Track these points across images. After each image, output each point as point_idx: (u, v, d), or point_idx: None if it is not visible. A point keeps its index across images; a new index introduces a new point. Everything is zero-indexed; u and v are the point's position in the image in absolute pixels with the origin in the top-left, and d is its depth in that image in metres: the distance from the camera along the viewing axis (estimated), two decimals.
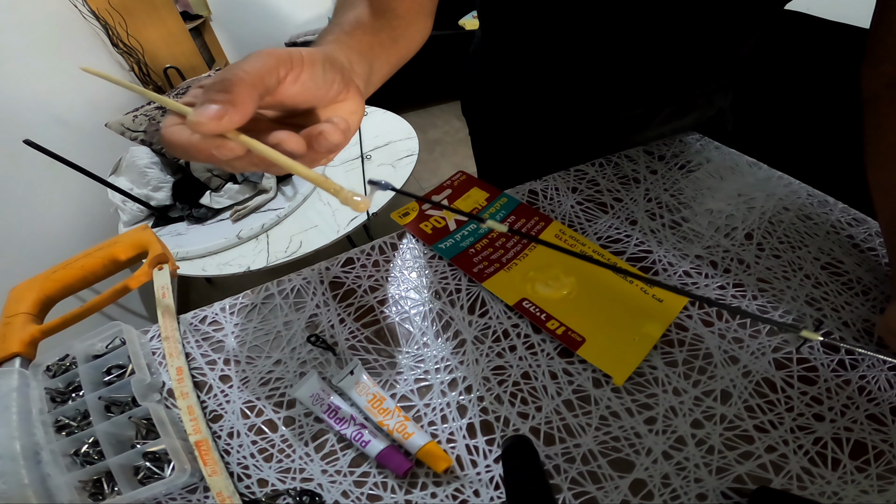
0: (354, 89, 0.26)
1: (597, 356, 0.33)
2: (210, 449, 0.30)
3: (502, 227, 0.24)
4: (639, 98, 0.50)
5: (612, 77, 0.48)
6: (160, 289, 0.39)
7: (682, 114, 0.53)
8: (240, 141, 0.20)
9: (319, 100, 0.24)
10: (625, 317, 0.36)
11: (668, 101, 0.51)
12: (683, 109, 0.53)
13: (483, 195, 0.48)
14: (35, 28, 1.26)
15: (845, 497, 0.27)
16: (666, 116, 0.53)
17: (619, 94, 0.50)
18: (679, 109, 0.53)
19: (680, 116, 0.53)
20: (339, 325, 0.38)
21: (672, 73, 0.47)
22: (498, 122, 0.62)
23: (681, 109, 0.53)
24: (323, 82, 0.24)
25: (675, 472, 0.28)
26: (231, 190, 1.13)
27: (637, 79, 0.48)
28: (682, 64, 0.47)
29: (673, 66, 0.47)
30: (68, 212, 1.14)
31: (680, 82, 0.49)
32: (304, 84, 0.23)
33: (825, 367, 0.33)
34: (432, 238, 0.44)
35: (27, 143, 0.89)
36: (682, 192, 0.47)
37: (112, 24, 1.68)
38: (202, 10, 2.32)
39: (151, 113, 1.25)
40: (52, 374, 0.36)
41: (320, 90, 0.24)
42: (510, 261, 0.41)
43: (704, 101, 0.53)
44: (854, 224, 0.43)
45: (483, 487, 0.29)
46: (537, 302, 0.37)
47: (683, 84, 0.50)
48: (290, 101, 0.23)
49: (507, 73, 0.55)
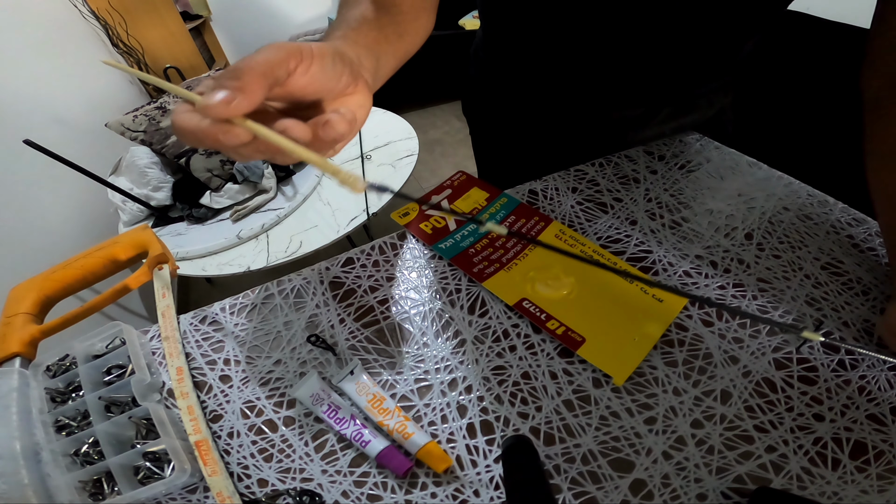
0: (363, 83, 0.27)
1: (597, 356, 0.33)
2: (210, 449, 0.30)
3: (501, 229, 0.24)
4: (639, 97, 0.50)
5: (612, 76, 0.48)
6: (160, 289, 0.39)
7: (682, 113, 0.53)
8: (246, 126, 0.21)
9: (328, 92, 0.25)
10: (625, 317, 0.36)
11: (669, 101, 0.51)
12: (684, 109, 0.53)
13: (483, 195, 0.48)
14: (35, 28, 1.26)
15: (845, 497, 0.27)
16: (666, 116, 0.53)
17: (619, 93, 0.50)
18: (679, 109, 0.53)
19: (680, 116, 0.53)
20: (339, 325, 0.38)
21: (672, 72, 0.47)
22: (499, 122, 0.62)
23: (681, 109, 0.53)
24: (332, 74, 0.24)
25: (675, 472, 0.28)
26: (231, 190, 1.13)
27: (637, 78, 0.48)
28: (682, 64, 0.47)
29: (673, 66, 0.47)
30: (68, 212, 1.14)
31: (680, 82, 0.49)
32: (313, 76, 0.23)
33: (825, 367, 0.33)
34: (432, 238, 0.44)
35: (27, 143, 0.89)
36: (682, 192, 0.47)
37: (112, 24, 1.68)
38: (202, 10, 2.32)
39: (151, 113, 1.25)
40: (52, 374, 0.36)
41: (329, 82, 0.24)
42: (510, 261, 0.41)
43: (705, 100, 0.53)
44: (854, 224, 0.43)
45: (483, 487, 0.29)
46: (537, 302, 0.37)
47: (684, 84, 0.50)
48: (300, 92, 0.23)
49: (508, 72, 0.55)
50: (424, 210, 0.47)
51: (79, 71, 1.43)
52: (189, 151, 1.15)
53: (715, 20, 0.42)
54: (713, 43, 0.45)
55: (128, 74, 1.81)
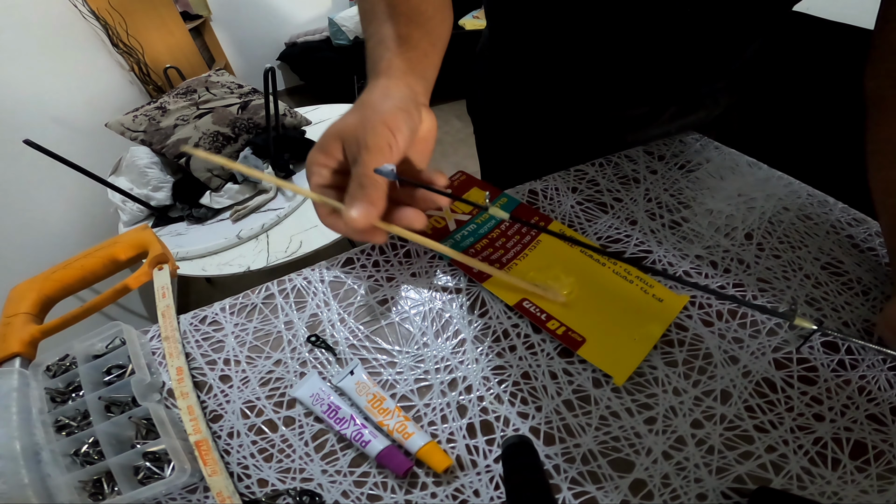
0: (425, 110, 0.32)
1: (597, 356, 0.33)
2: (210, 449, 0.30)
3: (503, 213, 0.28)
4: (645, 96, 0.50)
5: (618, 75, 0.48)
6: (160, 289, 0.39)
7: (687, 112, 0.53)
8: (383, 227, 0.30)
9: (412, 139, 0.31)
10: (625, 316, 0.36)
11: (674, 100, 0.51)
12: (689, 108, 0.53)
13: (483, 195, 0.48)
14: (35, 28, 1.26)
15: (845, 497, 0.27)
16: (671, 115, 0.53)
17: (625, 91, 0.50)
18: (685, 108, 0.53)
19: (685, 115, 0.53)
20: (339, 324, 0.38)
21: (678, 71, 0.47)
22: (504, 121, 0.62)
23: (686, 108, 0.53)
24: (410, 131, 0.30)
25: (675, 472, 0.28)
26: (231, 190, 1.13)
27: (643, 77, 0.48)
28: (688, 62, 0.46)
29: (679, 65, 0.47)
30: (68, 212, 1.14)
31: (686, 81, 0.49)
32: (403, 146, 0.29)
33: (825, 367, 0.33)
34: (432, 239, 0.43)
35: (27, 143, 0.89)
36: (682, 192, 0.47)
37: (112, 24, 1.68)
38: (202, 10, 2.32)
39: (151, 113, 1.25)
40: (52, 374, 0.36)
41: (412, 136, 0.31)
42: (510, 261, 0.41)
43: (710, 100, 0.53)
44: (854, 224, 0.43)
45: (483, 487, 0.29)
46: (537, 302, 0.37)
47: (689, 82, 0.50)
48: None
49: (514, 71, 0.55)
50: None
51: (79, 71, 1.43)
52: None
53: (721, 20, 0.42)
54: (719, 42, 0.45)
55: (128, 75, 1.81)
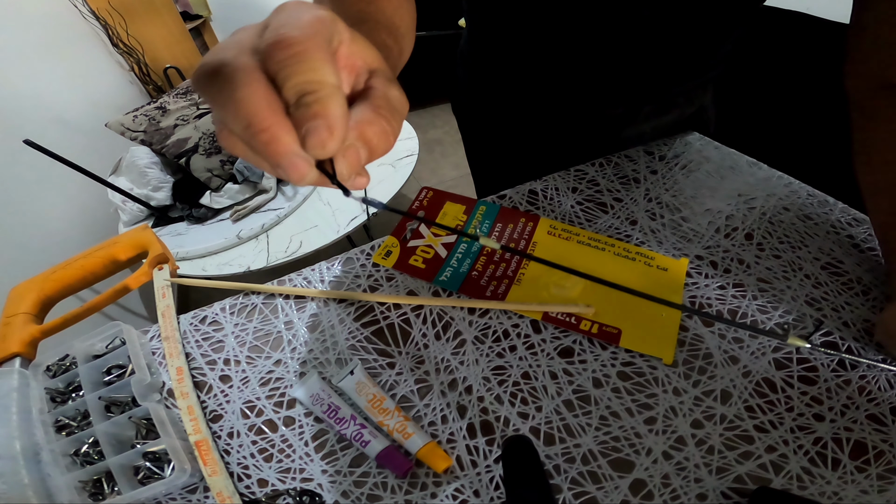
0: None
1: (639, 343, 0.34)
2: (210, 449, 0.30)
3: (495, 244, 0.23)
4: (620, 97, 0.51)
5: (593, 76, 0.48)
6: (160, 289, 0.39)
7: (662, 112, 0.53)
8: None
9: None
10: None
11: (648, 100, 0.51)
12: (663, 108, 0.53)
13: (459, 209, 0.45)
14: (35, 28, 1.26)
15: (845, 497, 0.27)
16: (646, 115, 0.53)
17: (600, 92, 0.50)
18: (659, 108, 0.53)
19: (660, 114, 0.54)
20: (339, 325, 0.38)
21: (651, 71, 0.48)
22: (486, 122, 0.62)
23: (661, 108, 0.53)
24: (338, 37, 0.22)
25: (675, 472, 0.28)
26: (231, 190, 1.13)
27: (617, 77, 0.48)
28: (661, 63, 0.47)
29: (652, 65, 0.47)
30: (68, 212, 1.13)
31: (659, 81, 0.49)
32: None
33: (825, 367, 0.33)
34: (428, 272, 0.41)
35: (27, 143, 0.89)
36: (682, 192, 0.47)
37: (112, 24, 1.68)
38: (202, 10, 2.32)
39: (151, 113, 1.25)
40: (52, 374, 0.36)
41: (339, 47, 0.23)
42: (516, 272, 0.40)
43: (684, 98, 0.53)
44: (854, 224, 0.43)
45: (483, 487, 0.29)
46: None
47: (662, 83, 0.50)
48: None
49: (493, 71, 0.55)
50: (406, 243, 0.43)
51: (79, 71, 1.43)
52: (189, 151, 1.15)
53: (692, 18, 0.42)
54: (692, 41, 0.45)
55: (128, 75, 1.80)
